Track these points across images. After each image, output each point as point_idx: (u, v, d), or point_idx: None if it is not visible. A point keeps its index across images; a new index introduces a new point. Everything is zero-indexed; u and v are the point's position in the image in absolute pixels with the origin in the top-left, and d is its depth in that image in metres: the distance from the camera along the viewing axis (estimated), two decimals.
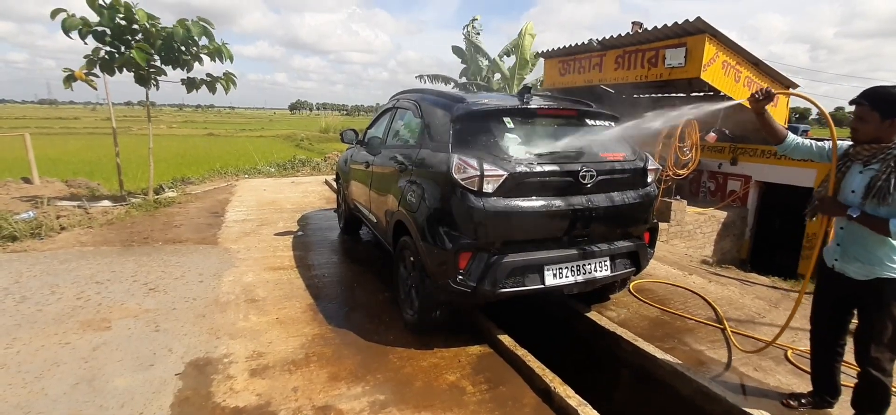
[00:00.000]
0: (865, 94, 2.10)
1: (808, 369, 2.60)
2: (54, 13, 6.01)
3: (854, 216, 2.11)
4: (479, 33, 13.98)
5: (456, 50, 13.95)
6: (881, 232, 2.04)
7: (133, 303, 3.62)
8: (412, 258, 3.22)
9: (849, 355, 2.38)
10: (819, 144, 2.46)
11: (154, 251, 4.90)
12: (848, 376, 2.57)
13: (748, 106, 2.47)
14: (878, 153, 2.07)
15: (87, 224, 5.83)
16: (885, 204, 2.03)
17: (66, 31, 5.99)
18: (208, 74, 7.19)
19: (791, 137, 2.48)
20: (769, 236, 8.56)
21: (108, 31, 6.22)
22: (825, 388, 2.53)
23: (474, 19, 14.28)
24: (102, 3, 6.07)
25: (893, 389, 2.23)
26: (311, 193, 8.65)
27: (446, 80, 14.09)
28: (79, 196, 7.70)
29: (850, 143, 2.24)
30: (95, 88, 6.75)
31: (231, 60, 7.10)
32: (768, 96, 2.36)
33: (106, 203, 7.09)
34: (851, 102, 2.15)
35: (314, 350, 3.03)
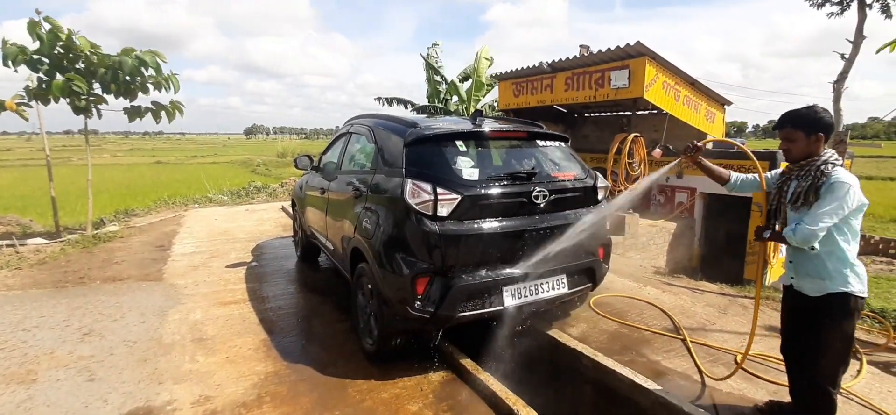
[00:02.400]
0: (787, 118, 2.25)
1: (760, 375, 2.69)
2: None
3: (766, 237, 2.28)
4: (437, 58, 14.21)
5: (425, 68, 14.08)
6: (786, 244, 2.19)
7: (64, 351, 3.32)
8: (370, 285, 3.15)
9: None
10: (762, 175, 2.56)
11: (90, 292, 4.54)
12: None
13: (688, 162, 2.62)
14: (807, 167, 2.20)
15: (16, 265, 5.35)
16: (800, 212, 2.16)
17: (5, 59, 5.62)
18: (154, 102, 6.88)
19: (734, 176, 2.64)
20: (716, 244, 9.04)
21: (46, 60, 5.87)
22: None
23: (436, 44, 14.57)
24: (41, 30, 5.73)
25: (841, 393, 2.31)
26: (267, 220, 8.36)
27: (405, 102, 14.16)
28: (8, 235, 7.07)
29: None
30: (27, 119, 6.30)
31: (177, 90, 6.85)
32: (696, 148, 2.56)
33: (39, 241, 6.55)
34: (775, 128, 2.31)
35: (267, 390, 2.87)
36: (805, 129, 2.18)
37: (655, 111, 9.07)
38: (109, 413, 2.61)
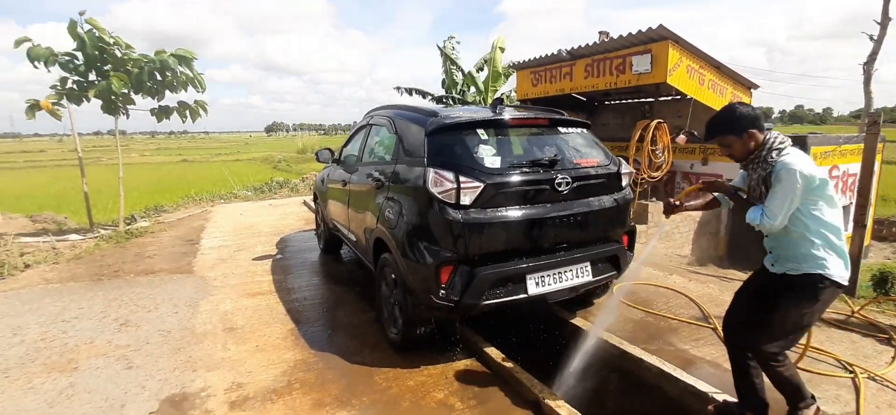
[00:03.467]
0: (712, 127, 2.22)
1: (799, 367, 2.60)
2: (18, 42, 5.85)
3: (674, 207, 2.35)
4: (454, 50, 14.14)
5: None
6: (744, 209, 2.16)
7: (102, 340, 3.46)
8: (393, 275, 3.17)
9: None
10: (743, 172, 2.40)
11: (125, 284, 4.71)
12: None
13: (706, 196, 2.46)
14: (754, 159, 2.15)
15: (54, 260, 5.59)
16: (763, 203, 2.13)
17: (32, 59, 5.83)
18: (180, 102, 7.06)
19: (719, 195, 2.43)
20: (743, 232, 8.80)
21: (79, 60, 6.07)
22: (750, 403, 2.35)
23: (451, 37, 14.53)
24: (81, 31, 5.92)
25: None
26: (290, 214, 8.50)
27: (423, 93, 14.16)
28: (45, 231, 7.39)
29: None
30: (60, 119, 6.54)
31: (204, 90, 7.02)
32: (672, 207, 2.41)
33: (74, 237, 6.82)
34: (707, 141, 2.27)
35: (296, 377, 2.94)
36: (732, 131, 2.14)
37: (679, 96, 8.82)
38: (147, 399, 2.71)
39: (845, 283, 2.06)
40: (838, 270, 2.04)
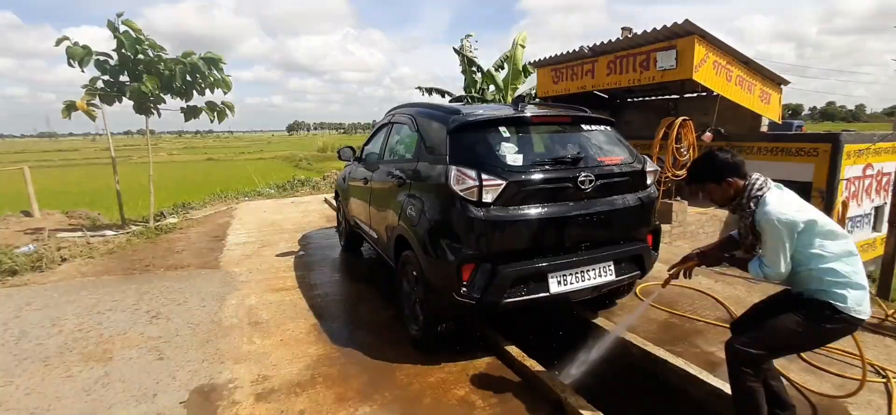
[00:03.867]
0: (692, 177, 2.23)
1: (822, 366, 2.55)
2: (59, 41, 6.09)
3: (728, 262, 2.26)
4: (473, 49, 14.11)
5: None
6: (744, 269, 2.12)
7: (135, 332, 3.59)
8: (415, 273, 3.20)
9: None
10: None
11: (156, 278, 4.87)
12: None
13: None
14: (737, 206, 2.13)
15: (88, 255, 5.81)
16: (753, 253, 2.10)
17: (70, 58, 6.06)
18: (208, 103, 7.25)
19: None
20: None
21: (113, 60, 6.28)
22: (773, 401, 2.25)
23: (469, 35, 14.49)
24: (119, 32, 6.11)
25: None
26: (312, 212, 8.64)
27: (443, 92, 14.19)
28: (79, 227, 7.69)
29: None
30: (94, 119, 6.79)
31: (230, 90, 7.19)
32: (667, 282, 2.45)
33: (107, 233, 7.08)
34: (688, 185, 2.31)
35: (320, 371, 3.00)
36: (712, 179, 2.14)
37: (705, 93, 8.63)
38: (178, 389, 2.81)
39: (863, 318, 1.93)
40: (855, 304, 1.90)
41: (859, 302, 1.91)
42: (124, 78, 6.48)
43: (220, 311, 3.96)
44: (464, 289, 2.75)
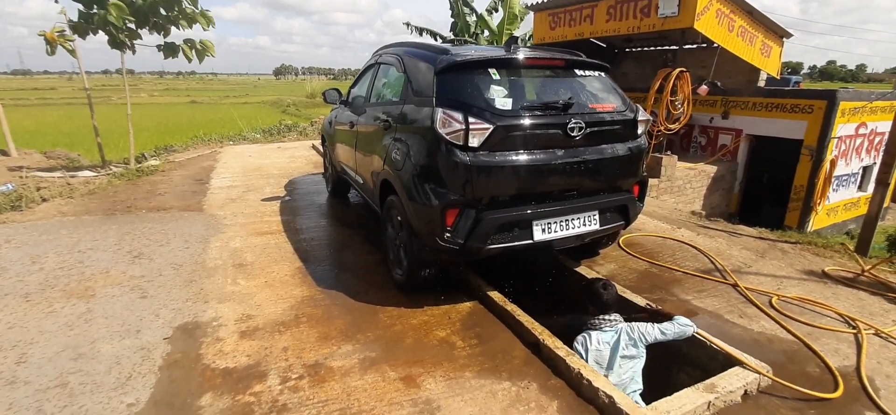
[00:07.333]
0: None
1: (792, 315, 2.63)
2: None
3: None
4: None
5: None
6: None
7: (118, 270, 3.56)
8: (399, 217, 3.17)
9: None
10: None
11: (138, 219, 4.80)
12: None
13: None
14: (608, 323, 2.70)
15: (68, 194, 5.68)
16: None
17: None
18: (186, 40, 6.89)
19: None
20: (758, 190, 8.63)
21: None
22: None
23: None
24: None
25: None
26: (299, 158, 8.50)
27: (434, 34, 13.70)
28: (58, 167, 7.49)
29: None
30: (70, 50, 6.45)
31: (213, 26, 6.82)
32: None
33: (87, 173, 6.91)
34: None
35: (304, 311, 3.02)
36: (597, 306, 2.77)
37: (704, 45, 8.43)
38: (162, 326, 2.82)
39: None
40: None
41: None
42: (102, 9, 6.11)
43: (204, 252, 3.94)
44: (447, 234, 2.74)
